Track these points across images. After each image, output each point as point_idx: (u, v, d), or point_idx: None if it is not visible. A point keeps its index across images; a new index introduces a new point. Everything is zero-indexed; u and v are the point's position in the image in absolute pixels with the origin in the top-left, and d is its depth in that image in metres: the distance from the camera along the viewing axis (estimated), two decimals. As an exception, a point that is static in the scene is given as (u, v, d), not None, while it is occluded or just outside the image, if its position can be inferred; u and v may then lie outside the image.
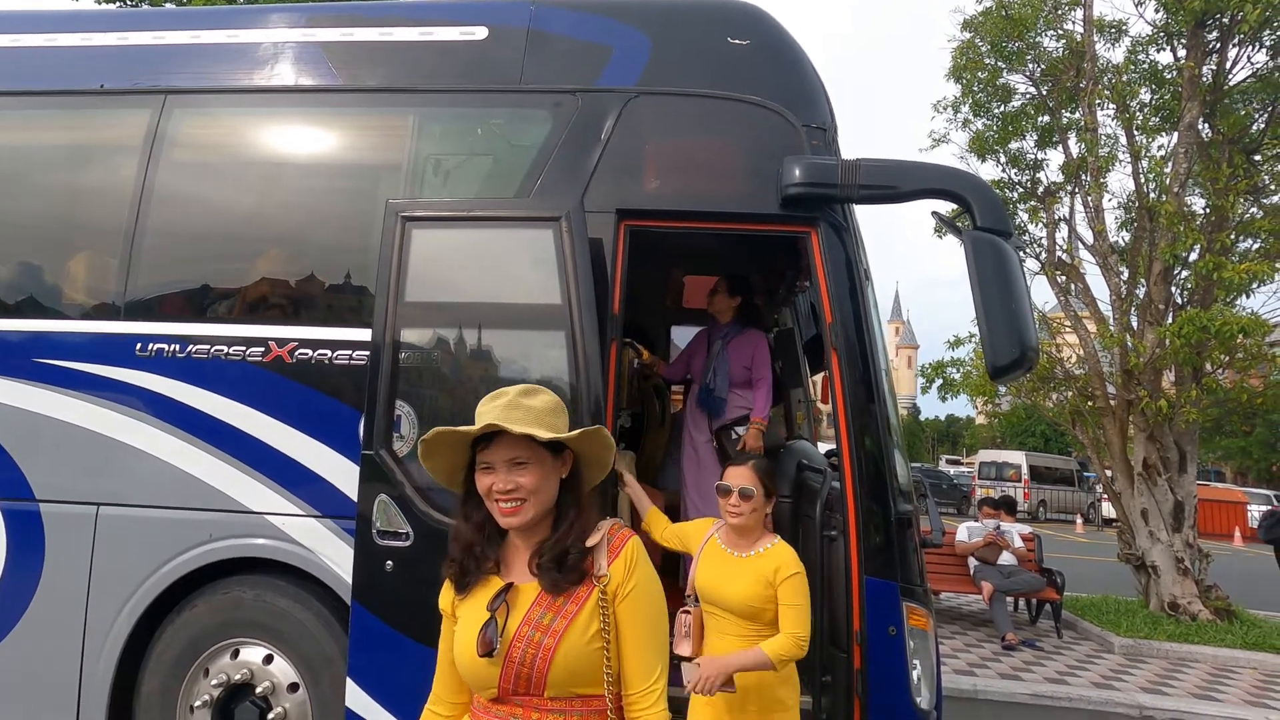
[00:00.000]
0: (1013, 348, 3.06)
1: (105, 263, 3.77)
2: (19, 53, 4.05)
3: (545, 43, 3.68)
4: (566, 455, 1.65)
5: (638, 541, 1.65)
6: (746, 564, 2.78)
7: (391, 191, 3.64)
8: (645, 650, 1.59)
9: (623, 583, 1.59)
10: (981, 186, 3.33)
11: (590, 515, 1.65)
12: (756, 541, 2.84)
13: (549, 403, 1.65)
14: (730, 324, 4.52)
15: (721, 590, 2.77)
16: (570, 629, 1.55)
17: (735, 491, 2.78)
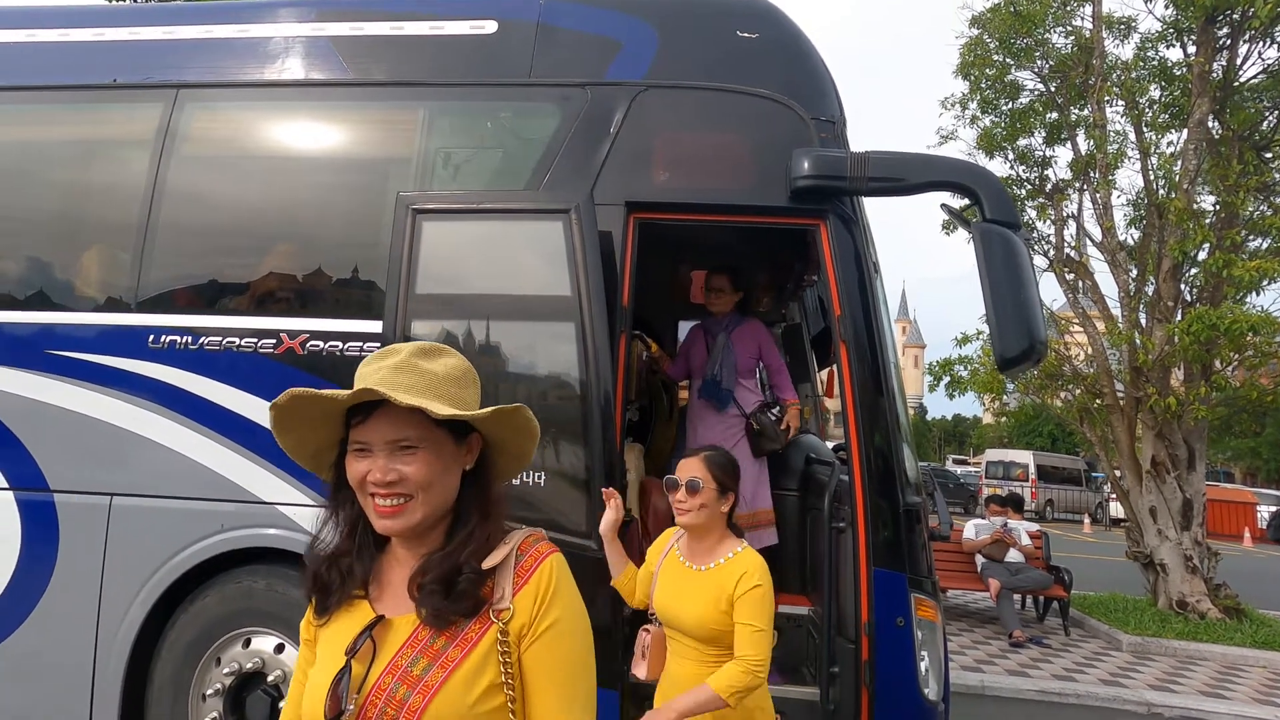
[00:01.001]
0: (1022, 339, 3.06)
1: (118, 256, 3.80)
2: (33, 48, 4.08)
3: (554, 37, 3.70)
4: (473, 441, 1.27)
5: (559, 562, 1.26)
6: (704, 579, 2.42)
7: (402, 185, 3.65)
8: (560, 712, 1.19)
9: (532, 619, 1.19)
10: (990, 179, 3.33)
11: (496, 523, 1.26)
12: (717, 550, 2.47)
13: (454, 368, 1.25)
14: (729, 315, 4.50)
15: (677, 610, 2.42)
16: (450, 683, 1.15)
17: (681, 485, 2.47)
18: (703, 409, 4.47)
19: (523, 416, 1.28)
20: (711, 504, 2.45)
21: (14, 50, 4.10)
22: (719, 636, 2.35)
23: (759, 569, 2.37)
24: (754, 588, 2.31)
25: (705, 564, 2.45)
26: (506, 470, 1.35)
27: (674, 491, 2.48)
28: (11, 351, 3.67)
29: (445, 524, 1.25)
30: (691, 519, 2.45)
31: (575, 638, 1.24)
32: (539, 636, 1.20)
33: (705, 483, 2.44)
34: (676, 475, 2.50)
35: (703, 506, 2.44)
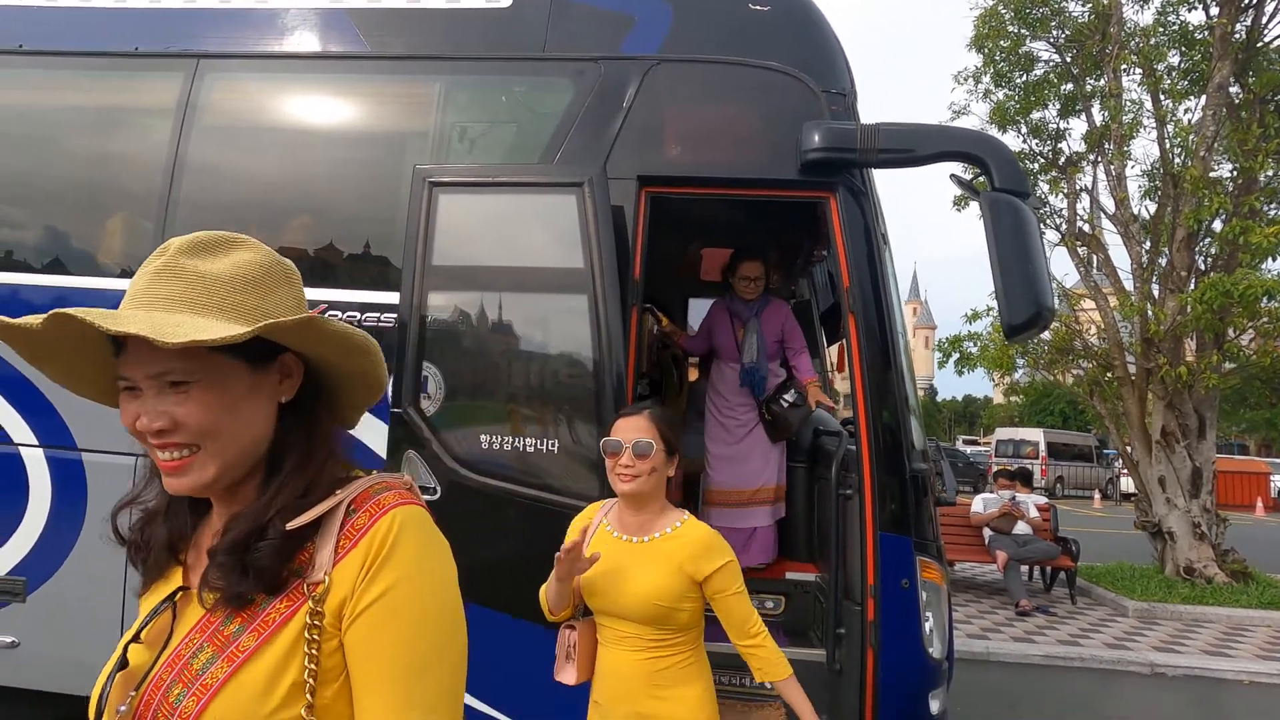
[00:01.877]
0: (1029, 306, 3.11)
1: (140, 224, 3.88)
2: (55, 12, 4.14)
3: (568, 11, 3.72)
4: (288, 365, 0.98)
5: (408, 517, 0.95)
6: (648, 551, 2.13)
7: (418, 157, 3.71)
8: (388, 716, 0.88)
9: (356, 590, 0.90)
10: (999, 148, 3.36)
11: (320, 471, 0.97)
12: (659, 520, 2.19)
13: (244, 267, 0.95)
14: (757, 298, 4.53)
15: (617, 590, 2.10)
16: (236, 681, 0.87)
17: (627, 448, 2.13)
18: (731, 390, 4.50)
19: (335, 328, 0.95)
20: (661, 467, 2.16)
21: (36, 14, 4.16)
22: (665, 615, 2.07)
23: (720, 540, 2.17)
24: (728, 562, 2.13)
25: (648, 535, 2.16)
26: (351, 401, 1.06)
27: (616, 455, 2.14)
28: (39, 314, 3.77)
29: (261, 476, 0.97)
30: (639, 485, 2.12)
31: (415, 614, 0.91)
32: (360, 614, 0.89)
33: (655, 444, 2.13)
34: (618, 436, 2.16)
35: (653, 471, 2.13)
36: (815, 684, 3.59)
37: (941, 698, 3.42)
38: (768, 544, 4.37)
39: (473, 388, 3.40)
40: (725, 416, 4.50)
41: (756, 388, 4.37)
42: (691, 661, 2.14)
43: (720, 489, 4.41)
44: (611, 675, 2.14)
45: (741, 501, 4.36)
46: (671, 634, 2.11)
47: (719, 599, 2.12)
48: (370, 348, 1.01)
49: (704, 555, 2.11)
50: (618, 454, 2.14)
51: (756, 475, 4.36)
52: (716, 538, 2.16)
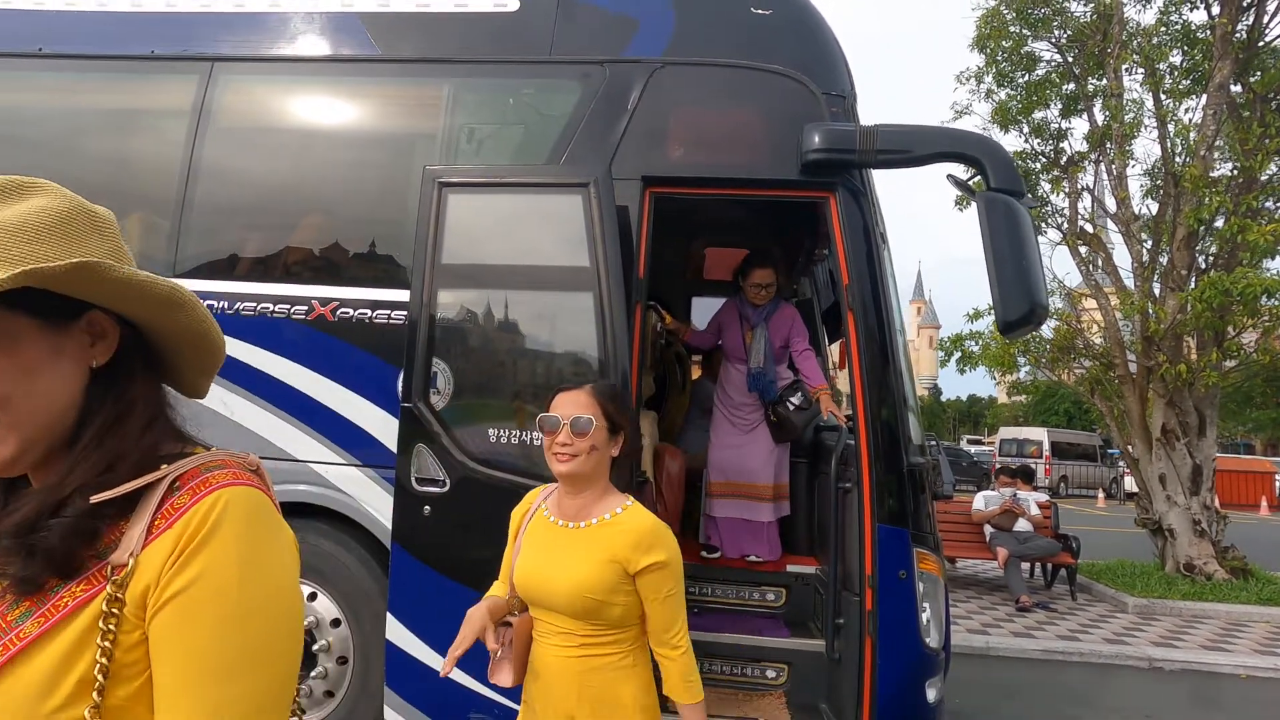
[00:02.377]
0: (1023, 303, 3.19)
1: (156, 223, 3.98)
2: (73, 16, 4.23)
3: (574, 15, 3.81)
4: (99, 324, 0.87)
5: (237, 499, 0.84)
6: (583, 537, 1.94)
7: (427, 158, 3.80)
8: (194, 718, 0.76)
9: (163, 577, 0.79)
10: (994, 148, 3.44)
11: (132, 440, 0.86)
12: (600, 504, 1.98)
13: (39, 214, 0.83)
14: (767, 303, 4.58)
15: (547, 579, 1.92)
16: (13, 672, 0.78)
17: (565, 424, 1.93)
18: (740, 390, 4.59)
19: (121, 274, 0.83)
20: (603, 446, 1.96)
21: (54, 19, 4.26)
22: (597, 610, 1.87)
23: (664, 532, 1.94)
24: (664, 560, 1.89)
25: (585, 520, 1.97)
26: (194, 366, 0.97)
27: (553, 433, 1.95)
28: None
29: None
30: (577, 466, 1.92)
31: (227, 610, 0.79)
32: (164, 604, 0.79)
33: (596, 420, 1.94)
34: (556, 411, 1.97)
35: (593, 449, 1.93)
36: (815, 673, 3.69)
37: (938, 686, 3.50)
38: (773, 540, 4.45)
39: (481, 383, 3.49)
40: (732, 414, 4.59)
41: (765, 392, 4.45)
42: (630, 663, 1.93)
43: (720, 482, 4.51)
44: (543, 674, 1.95)
45: (741, 494, 4.44)
46: (606, 630, 1.90)
47: (647, 598, 1.90)
48: (180, 299, 0.89)
49: (640, 547, 1.89)
50: (555, 431, 1.94)
51: (757, 472, 4.45)
52: (659, 531, 1.93)
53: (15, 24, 4.19)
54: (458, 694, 3.26)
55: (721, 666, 3.80)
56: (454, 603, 3.22)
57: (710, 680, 3.76)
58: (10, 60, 4.16)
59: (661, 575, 1.90)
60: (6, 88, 4.22)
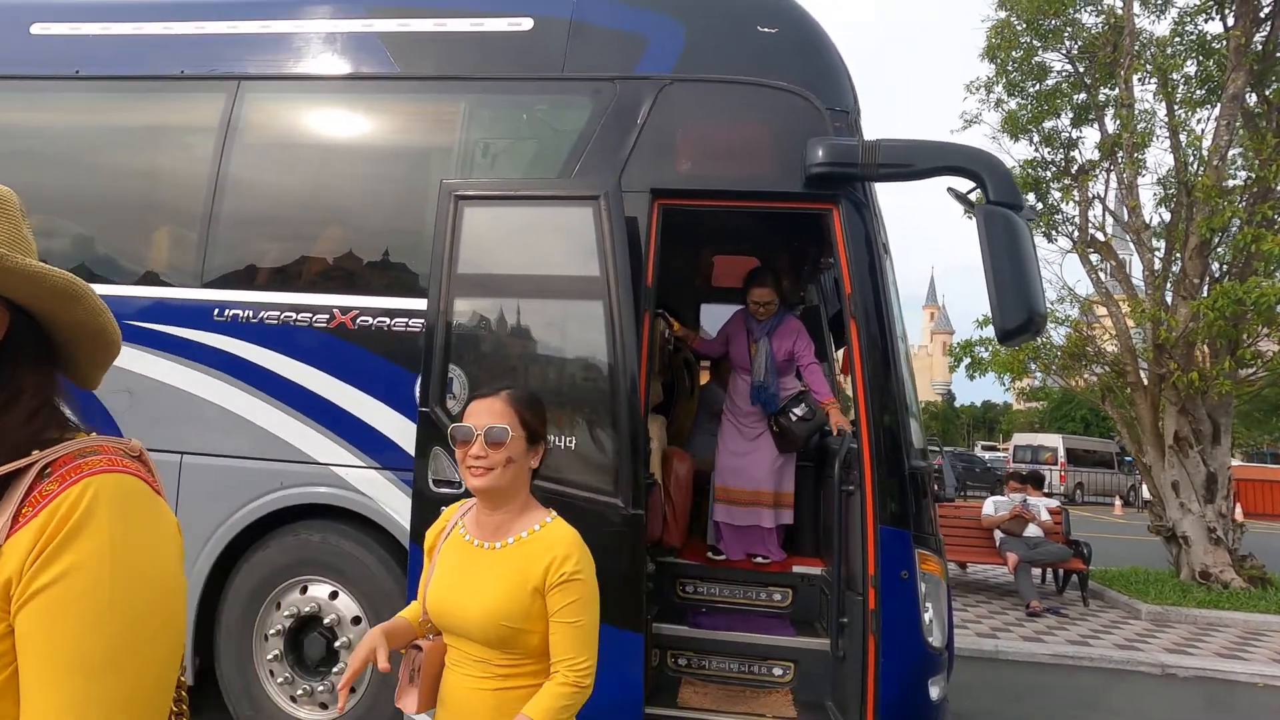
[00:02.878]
0: (1021, 312, 3.29)
1: (185, 235, 4.14)
2: (109, 40, 4.42)
3: (586, 33, 3.95)
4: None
5: (110, 486, 0.82)
6: (499, 559, 1.79)
7: (444, 172, 3.94)
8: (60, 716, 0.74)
9: (27, 570, 0.77)
10: (993, 162, 3.54)
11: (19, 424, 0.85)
12: (519, 521, 1.83)
13: None
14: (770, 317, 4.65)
15: (459, 604, 1.77)
16: None
17: (479, 435, 1.78)
18: (737, 399, 4.70)
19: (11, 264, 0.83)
20: (520, 458, 1.81)
21: (89, 42, 4.44)
22: (514, 638, 1.73)
23: (578, 548, 1.78)
24: (575, 575, 1.73)
25: (501, 540, 1.81)
26: (90, 359, 0.97)
27: (466, 444, 1.79)
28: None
29: None
30: (492, 480, 1.77)
31: (99, 604, 0.76)
32: (30, 599, 0.76)
33: (513, 430, 1.79)
34: (469, 422, 1.81)
35: (509, 462, 1.79)
36: (821, 671, 3.79)
37: (941, 685, 3.59)
38: (773, 544, 4.54)
39: (496, 388, 3.60)
40: (739, 422, 4.69)
41: (767, 404, 4.53)
42: None
43: (724, 487, 4.61)
44: (452, 704, 1.80)
45: (743, 501, 4.54)
46: (524, 660, 1.75)
47: (552, 614, 1.72)
48: (77, 292, 0.89)
49: (552, 563, 1.73)
50: (468, 443, 1.79)
51: (760, 480, 4.54)
52: (576, 546, 1.77)
53: (53, 49, 4.38)
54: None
55: (730, 664, 3.90)
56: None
57: (719, 678, 3.87)
58: (49, 82, 4.34)
59: (568, 590, 1.71)
60: (46, 108, 4.41)
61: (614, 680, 3.33)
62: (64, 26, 4.44)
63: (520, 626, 1.72)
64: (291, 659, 3.80)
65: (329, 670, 3.75)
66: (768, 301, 4.60)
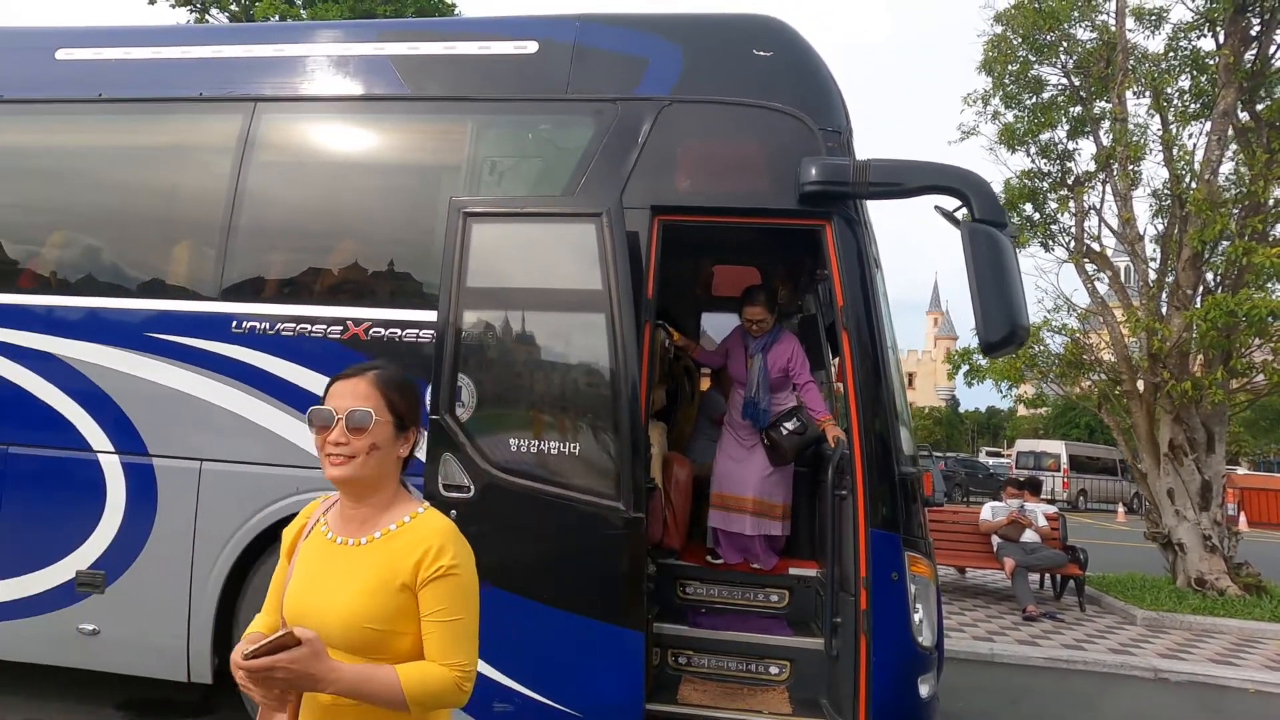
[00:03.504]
0: (1004, 326, 3.45)
1: (204, 250, 4.31)
2: (129, 64, 4.60)
3: (589, 56, 4.12)
4: None
5: None
6: (363, 556, 1.61)
7: (452, 189, 4.11)
8: None
9: None
10: (979, 182, 3.70)
11: None
12: (387, 514, 1.65)
13: None
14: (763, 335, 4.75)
15: (319, 608, 1.58)
16: None
17: (340, 419, 1.59)
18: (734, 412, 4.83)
19: None
20: (386, 445, 1.63)
21: (112, 66, 4.62)
22: (381, 643, 1.55)
23: (454, 539, 1.60)
24: (451, 569, 1.56)
25: (366, 535, 1.63)
26: None
27: (326, 429, 1.60)
28: (115, 334, 4.19)
29: None
30: (353, 470, 1.59)
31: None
32: None
33: (378, 414, 1.61)
34: (329, 404, 1.63)
35: (373, 450, 1.60)
36: (816, 669, 3.93)
37: (931, 683, 3.73)
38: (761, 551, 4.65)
39: (502, 397, 3.76)
40: (737, 432, 4.82)
41: (757, 419, 4.64)
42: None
43: (719, 493, 4.75)
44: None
45: (732, 507, 4.67)
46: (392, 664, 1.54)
47: (425, 614, 1.56)
48: None
49: (425, 556, 1.56)
50: (327, 427, 1.60)
51: (747, 487, 4.65)
52: (451, 537, 1.61)
53: (77, 73, 4.56)
54: (483, 685, 3.50)
55: (728, 663, 4.04)
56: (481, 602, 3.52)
57: (718, 676, 4.02)
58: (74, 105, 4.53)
59: (445, 586, 1.55)
60: (71, 129, 4.59)
61: (616, 677, 3.49)
62: (87, 52, 4.63)
63: (387, 629, 1.55)
64: (306, 658, 3.94)
65: (342, 668, 3.89)
66: (759, 320, 4.71)
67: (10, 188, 4.70)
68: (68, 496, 4.13)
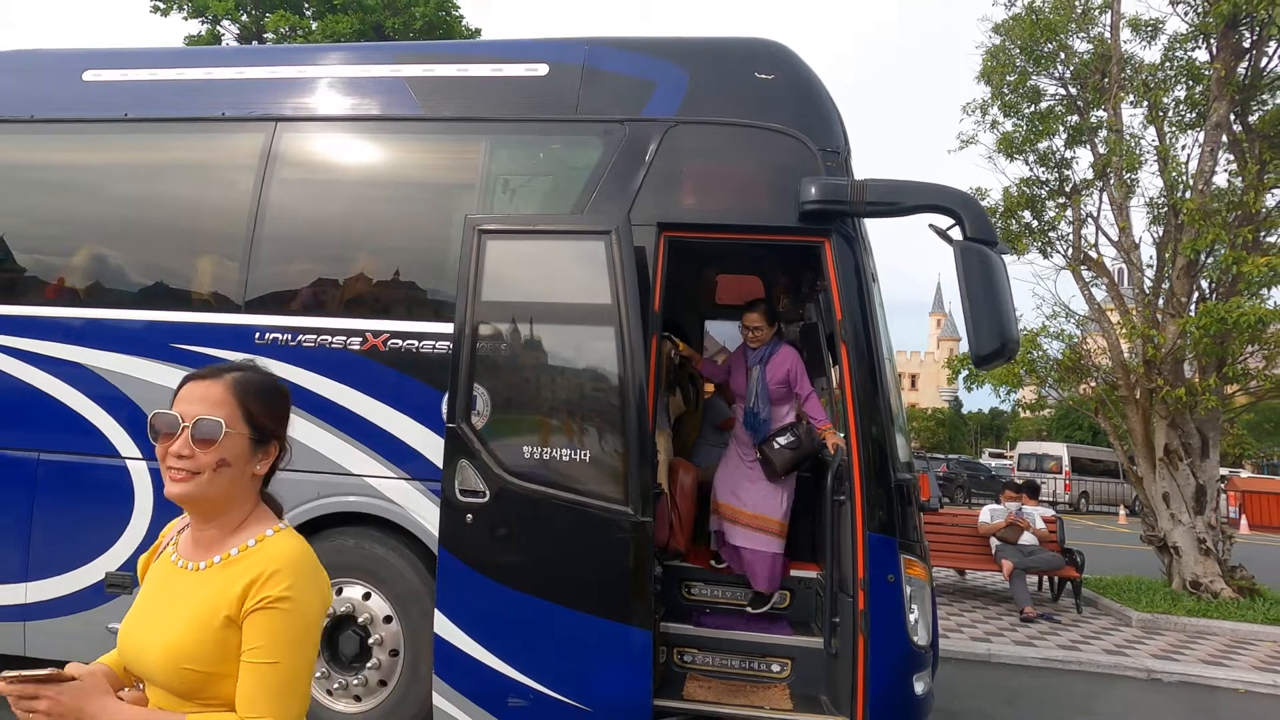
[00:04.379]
0: (994, 340, 3.62)
1: (228, 264, 4.48)
2: (155, 85, 4.78)
3: (597, 78, 4.29)
4: None
5: None
6: (195, 583, 1.41)
7: (467, 206, 4.28)
8: None
9: None
10: (970, 202, 3.86)
11: None
12: (237, 535, 1.44)
13: None
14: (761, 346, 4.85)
15: (141, 643, 1.40)
16: None
17: (183, 429, 1.38)
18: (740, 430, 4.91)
19: None
20: (240, 462, 1.42)
21: (137, 88, 4.80)
22: (205, 685, 1.35)
23: (293, 567, 1.38)
24: (279, 601, 1.33)
25: (207, 559, 1.43)
26: None
27: (168, 439, 1.38)
28: (142, 345, 4.37)
29: None
30: (196, 488, 1.38)
31: None
32: None
33: (230, 425, 1.40)
34: (175, 409, 1.40)
35: (221, 465, 1.39)
36: (815, 667, 4.10)
37: (926, 680, 3.90)
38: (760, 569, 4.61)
39: (516, 406, 3.92)
40: (741, 447, 4.93)
41: (757, 430, 4.71)
42: None
43: (715, 499, 4.88)
44: None
45: (727, 517, 4.74)
46: (222, 710, 1.35)
47: (246, 647, 1.34)
48: None
49: (253, 584, 1.35)
50: (170, 436, 1.38)
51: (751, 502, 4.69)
52: (291, 563, 1.38)
53: (104, 93, 4.74)
54: (498, 681, 3.70)
55: (731, 661, 4.21)
56: (496, 600, 3.71)
57: (721, 673, 4.19)
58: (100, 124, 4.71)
59: (268, 620, 1.32)
60: (98, 148, 4.78)
61: (625, 674, 3.66)
62: (113, 73, 4.81)
63: (209, 670, 1.33)
64: (327, 655, 4.11)
65: (362, 666, 4.06)
66: (756, 326, 4.81)
67: (40, 204, 4.88)
68: (97, 501, 4.31)
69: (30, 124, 4.82)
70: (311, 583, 1.39)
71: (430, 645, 3.81)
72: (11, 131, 4.85)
